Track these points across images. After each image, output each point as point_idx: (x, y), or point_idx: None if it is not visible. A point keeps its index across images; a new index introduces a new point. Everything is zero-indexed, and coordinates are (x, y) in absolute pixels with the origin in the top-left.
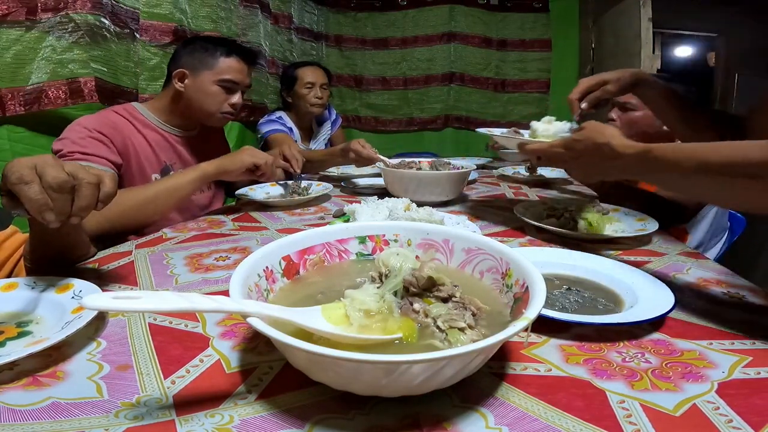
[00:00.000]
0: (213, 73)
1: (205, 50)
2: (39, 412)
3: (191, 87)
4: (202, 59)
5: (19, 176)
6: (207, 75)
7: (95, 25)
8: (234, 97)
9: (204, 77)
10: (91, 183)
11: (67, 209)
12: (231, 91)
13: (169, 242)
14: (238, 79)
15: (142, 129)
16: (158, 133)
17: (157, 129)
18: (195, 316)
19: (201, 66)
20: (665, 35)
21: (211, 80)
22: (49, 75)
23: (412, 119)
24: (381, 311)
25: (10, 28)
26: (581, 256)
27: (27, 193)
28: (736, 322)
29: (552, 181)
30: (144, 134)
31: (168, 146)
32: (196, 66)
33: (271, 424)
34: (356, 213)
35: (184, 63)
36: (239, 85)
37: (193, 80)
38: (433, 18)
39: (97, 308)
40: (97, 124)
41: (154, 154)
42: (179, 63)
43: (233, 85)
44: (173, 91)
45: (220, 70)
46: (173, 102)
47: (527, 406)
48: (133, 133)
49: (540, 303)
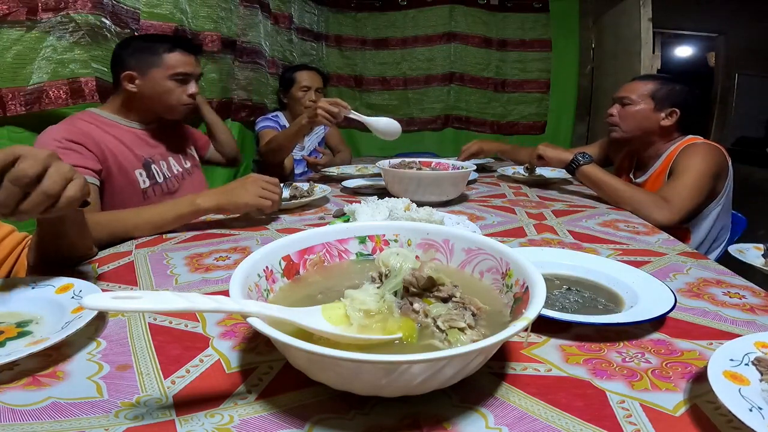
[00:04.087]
0: (163, 70)
1: (148, 49)
2: (39, 412)
3: (144, 86)
4: (147, 58)
5: None
6: (157, 72)
7: (96, 25)
8: (189, 87)
9: (155, 75)
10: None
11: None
12: (185, 82)
13: (169, 242)
14: (189, 71)
15: (110, 130)
16: (127, 132)
17: (123, 128)
18: (195, 316)
19: (148, 65)
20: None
21: (163, 77)
22: (50, 75)
23: (412, 119)
24: (381, 311)
25: (10, 28)
26: (581, 256)
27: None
28: (736, 322)
29: (552, 181)
30: (113, 135)
31: (141, 142)
32: (142, 66)
33: (271, 424)
34: (356, 213)
35: (129, 64)
36: (191, 75)
37: (144, 80)
38: (433, 18)
39: (97, 308)
40: (66, 133)
41: (131, 152)
42: (124, 65)
43: (186, 77)
44: (126, 93)
45: (169, 65)
46: (129, 103)
47: (527, 406)
48: (102, 136)
49: (540, 303)
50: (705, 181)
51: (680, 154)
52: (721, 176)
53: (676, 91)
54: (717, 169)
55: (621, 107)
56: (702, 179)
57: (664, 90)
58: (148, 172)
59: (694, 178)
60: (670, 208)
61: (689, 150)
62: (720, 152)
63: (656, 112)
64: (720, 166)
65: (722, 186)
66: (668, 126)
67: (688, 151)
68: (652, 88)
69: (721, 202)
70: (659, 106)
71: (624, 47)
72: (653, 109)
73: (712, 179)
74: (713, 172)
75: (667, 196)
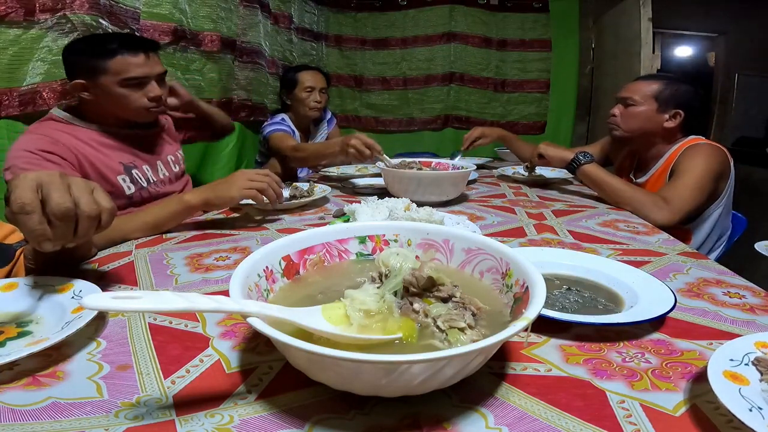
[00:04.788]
0: (111, 77)
1: (93, 54)
2: (39, 412)
3: (97, 94)
4: (94, 65)
5: (21, 205)
6: (105, 79)
7: (92, 26)
8: (149, 90)
9: (104, 82)
10: (91, 216)
11: (67, 237)
12: (141, 85)
13: (169, 242)
14: (143, 73)
15: (82, 136)
16: (101, 135)
17: (97, 133)
18: (195, 316)
19: (95, 72)
20: (665, 35)
21: (113, 83)
22: (44, 76)
23: (412, 119)
24: (381, 311)
25: (8, 29)
26: (581, 256)
27: (27, 224)
28: (736, 322)
29: (551, 181)
30: (86, 141)
31: (118, 146)
32: (90, 74)
33: (271, 424)
34: (356, 213)
35: (78, 72)
36: (147, 78)
37: (95, 88)
38: (433, 18)
39: (97, 308)
40: (40, 143)
41: (108, 158)
42: (74, 72)
43: (140, 80)
44: (83, 101)
45: (116, 71)
46: (91, 109)
47: (527, 406)
48: (75, 143)
49: (540, 303)
50: (706, 182)
51: (682, 155)
52: (723, 177)
53: (681, 92)
54: (719, 170)
55: (624, 107)
56: (703, 180)
57: (668, 91)
58: (131, 178)
59: (695, 178)
60: (670, 209)
61: (691, 150)
62: (722, 153)
63: (659, 113)
64: (722, 167)
65: (724, 187)
66: (671, 128)
67: (691, 152)
68: (657, 88)
69: (722, 203)
70: (663, 107)
71: (624, 47)
72: (656, 111)
73: (714, 180)
74: (715, 173)
75: (668, 196)
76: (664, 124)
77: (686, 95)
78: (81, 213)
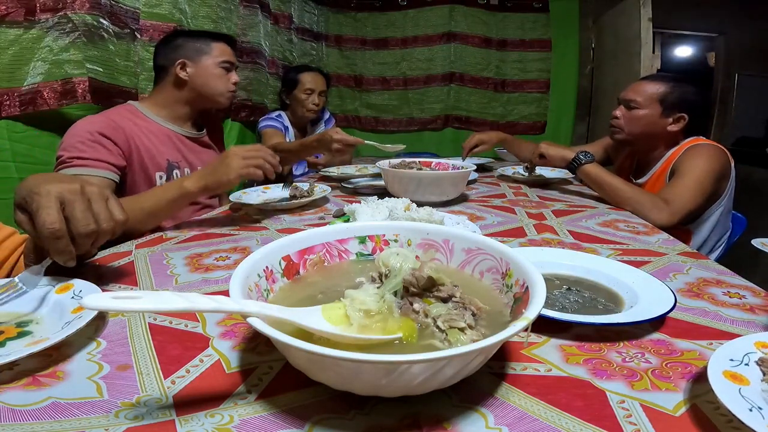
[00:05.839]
0: (213, 57)
1: (196, 40)
2: (39, 412)
3: (196, 74)
4: (197, 48)
5: (52, 231)
6: (208, 60)
7: (93, 26)
8: (233, 76)
9: (206, 62)
10: (107, 232)
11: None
12: (229, 70)
13: (169, 242)
14: (233, 60)
15: (145, 127)
16: (161, 131)
17: (159, 126)
18: (195, 316)
19: (198, 54)
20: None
21: (214, 63)
22: (45, 76)
23: (412, 119)
24: (381, 311)
25: (8, 29)
26: (581, 256)
27: (57, 246)
28: (736, 322)
29: (551, 181)
30: (147, 133)
31: (172, 144)
32: (193, 55)
33: (271, 424)
34: (356, 213)
35: (180, 53)
36: (234, 64)
37: (195, 67)
38: (433, 18)
39: (97, 308)
40: (99, 126)
41: (158, 153)
42: (174, 55)
43: (230, 66)
44: (172, 84)
45: (218, 53)
46: (173, 94)
47: (527, 406)
48: (135, 133)
49: (540, 303)
50: (707, 183)
51: (683, 155)
52: (723, 178)
53: (686, 95)
54: (720, 171)
55: (627, 110)
56: (704, 181)
57: (674, 94)
58: (168, 176)
59: (695, 179)
60: (670, 210)
61: (692, 151)
62: (723, 153)
63: (663, 117)
64: (723, 168)
65: (725, 188)
66: (675, 131)
67: (691, 152)
68: (662, 91)
69: (723, 203)
70: (667, 111)
71: (624, 47)
72: (660, 115)
73: (715, 181)
74: (716, 173)
75: (668, 197)
76: (667, 128)
77: (692, 98)
78: (100, 229)
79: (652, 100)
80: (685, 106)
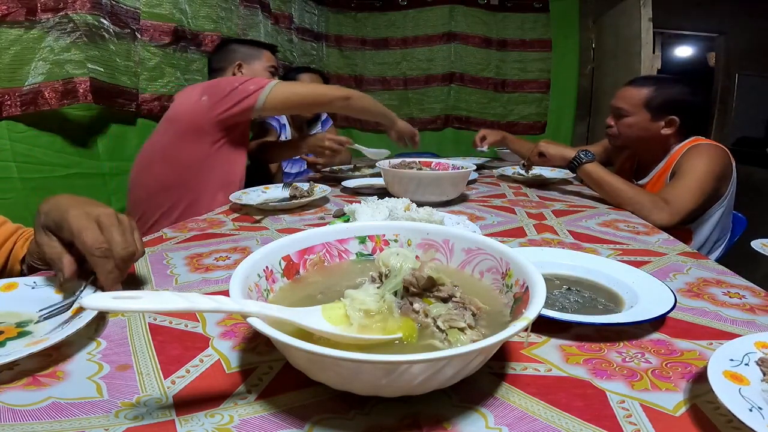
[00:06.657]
0: (263, 62)
1: (248, 47)
2: (39, 412)
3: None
4: (250, 53)
5: (103, 250)
6: (259, 64)
7: (94, 26)
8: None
9: (257, 66)
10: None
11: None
12: (273, 75)
13: (169, 242)
14: (277, 65)
15: None
16: None
17: None
18: (195, 316)
19: (252, 58)
20: (665, 35)
21: (263, 68)
22: (46, 75)
23: (412, 119)
24: (381, 311)
25: (9, 29)
26: (581, 256)
27: (105, 266)
28: (736, 322)
29: (551, 180)
30: None
31: None
32: (247, 59)
33: (271, 424)
34: (356, 213)
35: (237, 57)
36: (277, 70)
37: (250, 70)
38: (433, 18)
39: (97, 308)
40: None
41: None
42: (231, 57)
43: (275, 70)
44: None
45: (267, 59)
46: None
47: (527, 406)
48: None
49: (540, 303)
50: (708, 182)
51: (684, 155)
52: (724, 178)
53: (673, 96)
54: (720, 171)
55: (617, 119)
56: (704, 181)
57: (658, 98)
58: None
59: (696, 179)
60: (670, 210)
61: (693, 151)
62: (725, 153)
63: (654, 122)
64: (724, 168)
65: (726, 188)
66: (669, 135)
67: (692, 152)
68: (646, 96)
69: (724, 203)
70: (656, 116)
71: (624, 47)
72: (650, 120)
73: (716, 181)
74: (716, 174)
75: (668, 197)
76: (660, 132)
77: (679, 98)
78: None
79: (638, 107)
80: (673, 107)
